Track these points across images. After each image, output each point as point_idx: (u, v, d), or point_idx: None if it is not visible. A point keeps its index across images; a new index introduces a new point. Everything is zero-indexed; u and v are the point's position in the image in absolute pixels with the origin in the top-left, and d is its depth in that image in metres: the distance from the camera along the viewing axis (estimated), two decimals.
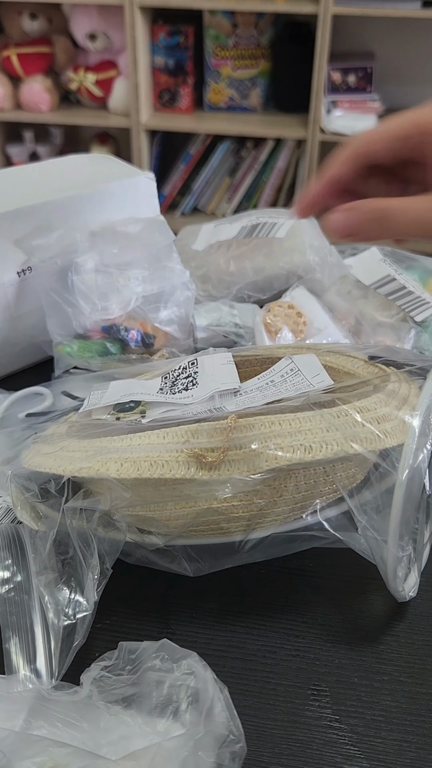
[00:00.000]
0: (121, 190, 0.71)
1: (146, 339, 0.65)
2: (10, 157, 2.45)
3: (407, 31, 2.17)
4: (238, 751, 0.35)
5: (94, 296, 0.63)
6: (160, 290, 0.65)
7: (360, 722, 0.41)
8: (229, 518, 0.43)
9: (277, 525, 0.44)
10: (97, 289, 0.63)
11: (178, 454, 0.41)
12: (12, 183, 0.72)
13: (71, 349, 0.64)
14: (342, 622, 0.46)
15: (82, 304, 0.63)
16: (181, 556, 0.45)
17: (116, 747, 0.36)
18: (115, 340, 0.65)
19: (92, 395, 0.54)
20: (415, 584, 0.46)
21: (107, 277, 0.63)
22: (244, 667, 0.44)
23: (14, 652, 0.39)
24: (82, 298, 0.63)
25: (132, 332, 0.64)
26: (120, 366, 0.63)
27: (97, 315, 0.63)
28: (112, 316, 0.64)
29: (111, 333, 0.64)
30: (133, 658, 0.38)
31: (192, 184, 2.36)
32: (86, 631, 0.41)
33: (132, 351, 0.65)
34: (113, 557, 0.43)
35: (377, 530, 0.42)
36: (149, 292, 0.65)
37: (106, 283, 0.63)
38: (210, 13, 2.15)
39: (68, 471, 0.42)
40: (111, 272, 0.63)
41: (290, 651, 0.45)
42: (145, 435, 0.42)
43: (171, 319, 0.67)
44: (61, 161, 0.79)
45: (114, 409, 0.50)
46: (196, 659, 0.38)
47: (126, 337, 0.64)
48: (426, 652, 0.44)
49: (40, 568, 0.42)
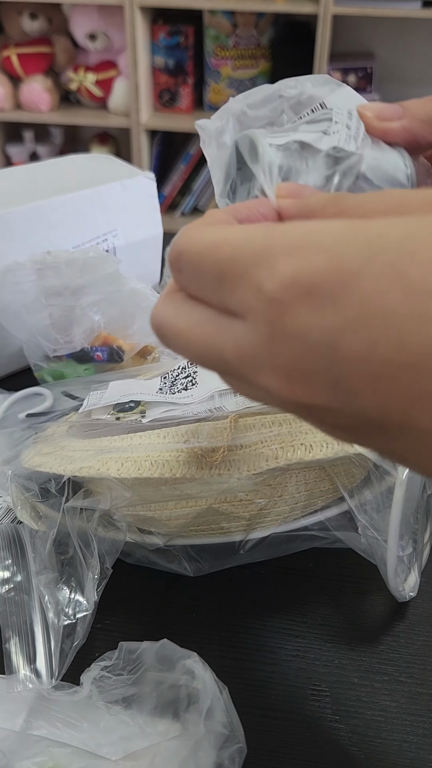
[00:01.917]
0: (121, 190, 0.71)
1: (115, 355, 0.64)
2: (10, 157, 2.45)
3: (407, 31, 2.17)
4: (237, 751, 0.35)
5: (55, 332, 0.62)
6: (122, 311, 0.64)
7: (360, 722, 0.41)
8: (230, 518, 0.43)
9: (278, 525, 0.44)
10: (56, 325, 0.61)
11: (178, 454, 0.41)
12: (12, 183, 0.72)
13: (47, 375, 0.65)
14: (342, 622, 0.46)
15: (45, 344, 0.62)
16: (182, 556, 0.45)
17: (116, 747, 0.36)
18: (86, 361, 0.65)
19: (91, 395, 0.54)
20: (415, 584, 0.46)
21: (65, 311, 0.61)
22: (244, 667, 0.44)
23: (14, 652, 0.39)
24: (44, 338, 0.62)
25: (97, 353, 0.63)
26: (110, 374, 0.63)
27: (62, 350, 0.62)
28: (78, 348, 0.63)
29: (80, 359, 0.64)
30: (134, 658, 0.38)
31: (192, 184, 2.36)
32: (86, 631, 0.41)
33: (106, 368, 0.65)
34: (113, 557, 0.43)
35: (377, 530, 0.42)
36: (110, 316, 0.63)
37: (64, 316, 0.61)
38: (210, 13, 2.15)
39: (68, 471, 0.42)
40: (66, 304, 0.61)
41: (290, 651, 0.45)
42: (145, 435, 0.42)
43: (146, 332, 0.65)
44: (61, 161, 0.79)
45: (114, 409, 0.50)
46: (196, 659, 0.37)
47: (93, 358, 0.64)
48: (426, 653, 0.44)
49: (40, 567, 0.42)
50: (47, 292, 0.61)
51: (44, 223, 0.67)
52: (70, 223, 0.69)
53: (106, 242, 0.73)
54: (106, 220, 0.72)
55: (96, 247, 0.71)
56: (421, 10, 1.92)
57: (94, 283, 0.62)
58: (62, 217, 0.68)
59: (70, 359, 0.64)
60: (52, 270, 0.61)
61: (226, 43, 2.19)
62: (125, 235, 0.74)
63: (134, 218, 0.74)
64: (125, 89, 2.21)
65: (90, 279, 0.62)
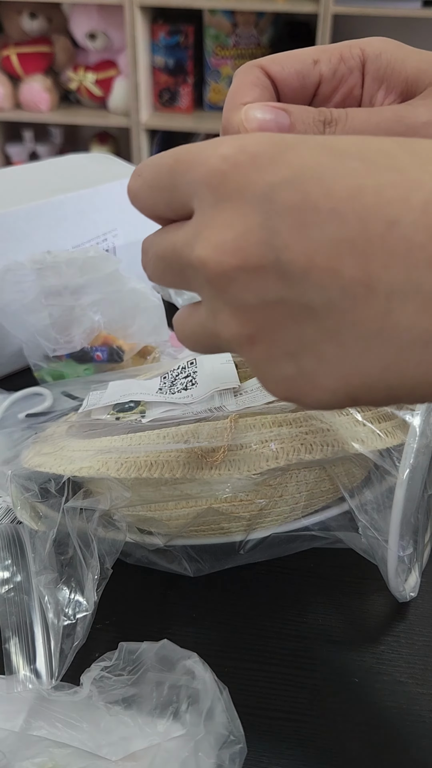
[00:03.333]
0: (121, 190, 0.71)
1: (115, 355, 0.64)
2: (10, 156, 2.45)
3: (407, 31, 2.17)
4: (238, 751, 0.35)
5: (55, 332, 0.62)
6: (122, 311, 0.64)
7: (360, 722, 0.41)
8: (230, 518, 0.43)
9: (278, 525, 0.44)
10: (56, 324, 0.61)
11: (178, 454, 0.41)
12: (11, 183, 0.72)
13: (47, 375, 0.65)
14: (342, 622, 0.46)
15: (45, 344, 0.62)
16: (182, 556, 0.45)
17: (116, 747, 0.36)
18: (85, 361, 0.65)
19: (91, 395, 0.54)
20: (416, 584, 0.46)
21: (65, 311, 0.61)
22: (244, 667, 0.44)
23: (14, 653, 0.39)
24: (44, 338, 0.62)
25: (97, 353, 0.63)
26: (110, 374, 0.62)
27: (62, 350, 0.62)
28: (78, 347, 0.63)
29: (80, 359, 0.64)
30: (134, 658, 0.38)
31: None
32: (86, 632, 0.41)
33: (105, 368, 0.65)
34: (113, 557, 0.43)
35: (378, 530, 0.42)
36: (110, 316, 0.63)
37: (64, 316, 0.62)
38: (210, 13, 2.15)
39: (68, 471, 0.42)
40: (66, 304, 0.61)
41: (290, 651, 0.45)
42: (145, 435, 0.42)
43: (146, 332, 0.65)
44: (60, 161, 0.79)
45: (113, 409, 0.50)
46: (196, 660, 0.37)
47: (93, 358, 0.64)
48: (426, 653, 0.44)
49: (40, 568, 0.42)
50: (47, 292, 0.61)
51: (44, 223, 0.67)
52: (70, 223, 0.69)
53: (106, 242, 0.73)
54: (106, 219, 0.72)
55: (96, 246, 0.71)
56: (421, 10, 1.92)
57: (94, 283, 0.62)
58: (62, 217, 0.68)
59: (70, 359, 0.63)
60: (52, 270, 0.61)
61: (226, 42, 2.19)
62: (125, 234, 0.74)
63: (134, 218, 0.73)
64: (125, 89, 2.21)
65: (90, 279, 0.61)
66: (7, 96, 2.26)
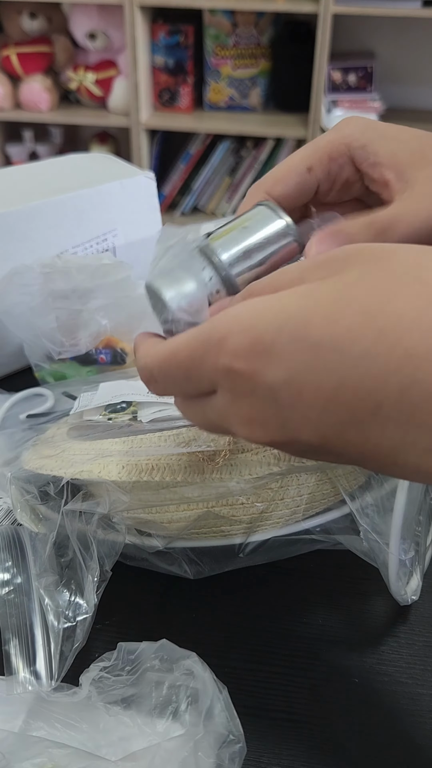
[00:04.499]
0: (121, 190, 0.71)
1: (118, 357, 0.64)
2: (10, 156, 2.45)
3: (407, 31, 2.17)
4: (237, 751, 0.35)
5: (61, 335, 0.62)
6: (129, 316, 0.64)
7: (361, 723, 0.41)
8: (230, 521, 0.43)
9: (278, 528, 0.44)
10: (62, 327, 0.61)
11: (179, 457, 0.41)
12: (11, 182, 0.72)
13: (48, 375, 0.65)
14: (342, 623, 0.46)
15: (50, 346, 0.62)
16: (182, 559, 0.45)
17: (116, 748, 0.36)
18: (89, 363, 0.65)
19: (82, 397, 0.54)
20: (417, 588, 0.46)
21: (72, 314, 0.61)
22: (244, 667, 0.44)
23: (14, 654, 0.39)
24: (49, 341, 0.62)
25: (101, 356, 0.63)
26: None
27: (67, 353, 0.63)
28: (84, 351, 0.63)
29: (83, 361, 0.64)
30: (133, 658, 0.38)
31: (192, 184, 2.36)
32: (86, 634, 0.41)
33: (108, 370, 0.65)
34: (113, 559, 0.43)
35: (379, 533, 0.42)
36: (117, 321, 0.64)
37: (71, 319, 0.62)
38: (210, 13, 2.15)
39: (68, 473, 0.42)
40: (73, 307, 0.62)
41: (290, 651, 0.45)
42: (146, 438, 0.42)
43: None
44: (60, 161, 0.79)
45: (105, 410, 0.50)
46: (196, 659, 0.37)
47: (97, 360, 0.64)
48: (426, 654, 0.44)
49: (40, 570, 0.42)
50: (54, 295, 0.61)
51: (44, 223, 0.67)
52: (70, 222, 0.69)
53: (106, 242, 0.73)
54: (105, 219, 0.72)
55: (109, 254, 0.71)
56: (421, 10, 1.92)
57: (103, 288, 0.62)
58: (62, 216, 0.68)
59: (74, 361, 0.64)
60: (60, 273, 0.61)
61: (226, 42, 2.19)
62: (125, 234, 0.74)
63: (134, 218, 0.74)
64: (125, 89, 2.21)
65: (99, 284, 0.62)
66: (7, 96, 2.26)
